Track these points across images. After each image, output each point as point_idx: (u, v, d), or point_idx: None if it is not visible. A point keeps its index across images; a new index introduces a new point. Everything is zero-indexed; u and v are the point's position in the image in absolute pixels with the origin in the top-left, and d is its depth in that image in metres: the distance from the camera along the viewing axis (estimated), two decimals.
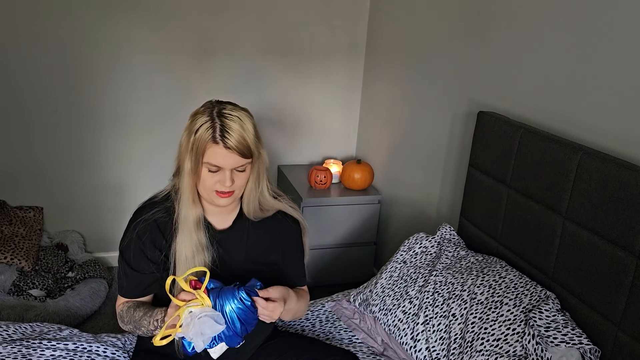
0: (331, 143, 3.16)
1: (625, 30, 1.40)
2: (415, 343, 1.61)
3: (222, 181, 1.25)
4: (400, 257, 1.86)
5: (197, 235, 1.32)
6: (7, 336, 1.52)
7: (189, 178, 1.28)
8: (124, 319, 1.36)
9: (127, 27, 2.61)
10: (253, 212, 1.39)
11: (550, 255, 1.55)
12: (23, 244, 2.51)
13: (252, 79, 2.88)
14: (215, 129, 1.22)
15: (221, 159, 1.24)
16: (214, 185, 1.27)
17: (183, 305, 1.16)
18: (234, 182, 1.27)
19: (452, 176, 2.22)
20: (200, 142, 1.23)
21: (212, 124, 1.23)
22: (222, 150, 1.23)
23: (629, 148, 1.40)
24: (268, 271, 1.43)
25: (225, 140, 1.22)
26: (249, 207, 1.38)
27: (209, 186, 1.27)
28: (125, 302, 1.39)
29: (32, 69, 2.55)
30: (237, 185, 1.29)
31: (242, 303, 1.18)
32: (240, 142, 1.23)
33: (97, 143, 2.75)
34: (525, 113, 1.79)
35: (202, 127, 1.23)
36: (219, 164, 1.24)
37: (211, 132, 1.22)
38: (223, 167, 1.25)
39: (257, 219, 1.40)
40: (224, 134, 1.22)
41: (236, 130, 1.23)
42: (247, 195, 1.36)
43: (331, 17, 2.90)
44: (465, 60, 2.10)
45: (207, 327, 1.13)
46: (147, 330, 1.30)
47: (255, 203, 1.38)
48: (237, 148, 1.23)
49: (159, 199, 1.38)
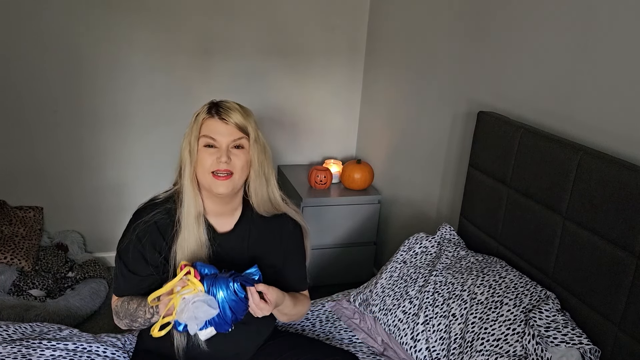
0: (331, 143, 3.16)
1: (625, 31, 1.40)
2: (415, 343, 1.61)
3: (219, 157, 1.27)
4: (400, 257, 1.86)
5: (198, 231, 1.31)
6: (7, 336, 1.52)
7: (189, 168, 1.29)
8: (119, 314, 1.36)
9: (127, 27, 2.61)
10: (263, 205, 1.39)
11: (550, 255, 1.55)
12: (23, 244, 2.51)
13: (252, 79, 2.88)
14: (212, 106, 1.32)
15: (217, 130, 1.28)
16: (211, 165, 1.28)
17: (176, 294, 1.16)
18: (230, 160, 1.28)
19: (452, 176, 2.22)
20: (198, 120, 1.31)
21: (210, 104, 1.33)
22: (218, 122, 1.29)
23: (629, 148, 1.40)
24: (269, 274, 1.43)
25: (220, 112, 1.30)
26: (257, 198, 1.38)
27: (207, 166, 1.28)
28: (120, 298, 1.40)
29: (33, 68, 2.55)
30: (235, 166, 1.29)
31: (235, 295, 1.18)
32: (235, 116, 1.29)
33: (97, 143, 2.75)
34: (525, 113, 1.79)
35: (201, 110, 1.33)
36: (214, 136, 1.28)
37: (207, 108, 1.32)
38: (219, 140, 1.28)
39: (267, 213, 1.40)
40: (220, 108, 1.31)
41: (232, 106, 1.32)
42: (253, 185, 1.36)
43: (331, 17, 2.90)
44: (465, 60, 2.10)
45: (201, 311, 1.14)
46: (143, 320, 1.30)
47: (264, 194, 1.38)
48: (232, 120, 1.29)
49: (159, 201, 1.37)
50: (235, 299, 1.18)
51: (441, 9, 2.26)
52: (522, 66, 1.79)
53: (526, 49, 1.77)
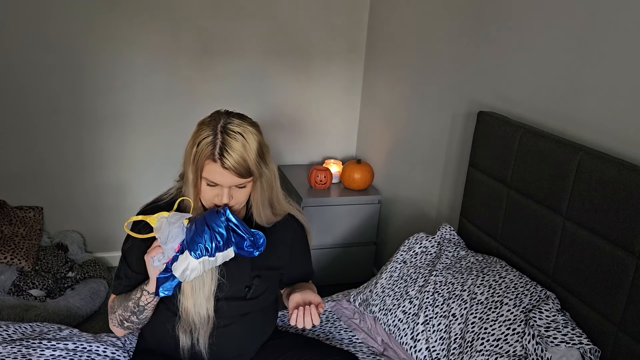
0: (331, 143, 3.16)
1: (625, 31, 1.40)
2: (415, 343, 1.61)
3: (220, 196, 1.25)
4: (400, 257, 1.86)
5: None
6: (7, 336, 1.52)
7: (192, 188, 1.27)
8: (114, 307, 1.37)
9: (127, 27, 2.61)
10: (266, 219, 1.38)
11: (550, 255, 1.55)
12: (23, 244, 2.51)
13: (253, 79, 2.88)
14: (216, 146, 1.20)
15: (219, 177, 1.22)
16: (212, 199, 1.27)
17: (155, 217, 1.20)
18: (232, 198, 1.26)
19: (452, 176, 2.22)
20: (200, 157, 1.22)
21: (214, 140, 1.21)
22: (220, 169, 1.21)
23: (629, 148, 1.40)
24: (274, 275, 1.44)
25: (223, 159, 1.20)
26: (260, 218, 1.37)
27: (208, 199, 1.27)
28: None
29: (33, 68, 2.55)
30: (237, 201, 1.28)
31: (227, 221, 1.19)
32: (238, 163, 1.20)
33: (97, 143, 2.75)
34: (525, 113, 1.79)
35: (204, 142, 1.22)
36: (216, 181, 1.23)
37: (211, 148, 1.20)
38: (221, 183, 1.24)
39: (269, 224, 1.40)
40: (223, 153, 1.20)
41: (237, 149, 1.20)
42: (256, 207, 1.35)
43: (331, 17, 2.90)
44: (465, 60, 2.10)
45: (175, 225, 1.17)
46: (134, 304, 1.30)
47: (267, 212, 1.37)
48: (235, 168, 1.20)
49: (164, 203, 1.37)
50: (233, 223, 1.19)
51: (441, 9, 2.26)
52: (522, 66, 1.79)
53: (526, 49, 1.77)
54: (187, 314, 1.31)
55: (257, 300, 1.40)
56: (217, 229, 1.18)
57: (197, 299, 1.30)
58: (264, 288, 1.40)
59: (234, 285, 1.35)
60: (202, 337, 1.32)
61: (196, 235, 1.18)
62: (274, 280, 1.45)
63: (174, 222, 1.19)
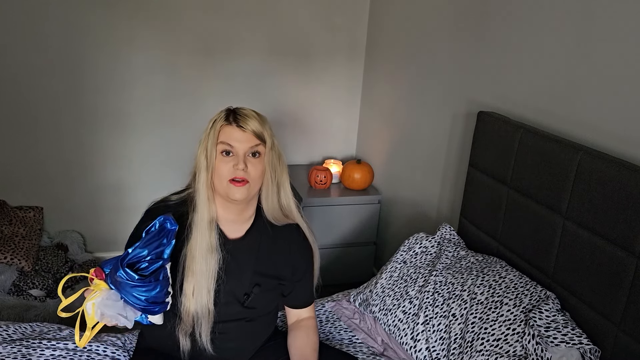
0: (331, 143, 3.16)
1: (625, 30, 1.40)
2: (415, 343, 1.61)
3: (236, 164, 1.27)
4: (400, 257, 1.86)
5: (210, 237, 1.31)
6: (7, 336, 1.52)
7: (205, 174, 1.29)
8: None
9: (127, 27, 2.61)
10: (273, 212, 1.39)
11: (550, 255, 1.55)
12: (23, 244, 2.51)
13: (253, 79, 2.88)
14: (230, 114, 1.33)
15: (234, 137, 1.28)
16: (228, 173, 1.28)
17: (85, 302, 1.19)
18: (247, 168, 1.28)
19: (452, 176, 2.22)
20: (215, 127, 1.30)
21: (227, 112, 1.34)
22: (235, 129, 1.29)
23: (629, 148, 1.40)
24: (275, 284, 1.44)
25: (237, 119, 1.30)
26: (267, 204, 1.38)
27: (224, 174, 1.28)
28: None
29: (33, 68, 2.55)
30: (251, 174, 1.29)
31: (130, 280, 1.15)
32: (252, 124, 1.30)
33: (97, 143, 2.75)
34: (525, 113, 1.79)
35: (218, 117, 1.33)
36: (231, 142, 1.28)
37: (225, 115, 1.32)
38: (236, 147, 1.28)
39: (277, 221, 1.40)
40: (237, 115, 1.31)
41: (250, 113, 1.32)
42: (265, 191, 1.36)
43: (331, 17, 2.90)
44: (465, 60, 2.10)
45: (111, 308, 1.16)
46: None
47: (274, 201, 1.38)
48: (250, 127, 1.29)
49: (173, 203, 1.37)
50: (133, 283, 1.15)
51: (441, 9, 2.26)
52: (522, 66, 1.79)
53: (526, 49, 1.77)
54: (188, 315, 1.31)
55: (255, 310, 1.40)
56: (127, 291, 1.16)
57: (198, 297, 1.30)
58: (263, 300, 1.41)
59: (233, 291, 1.36)
60: (204, 331, 1.32)
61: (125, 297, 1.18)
62: (274, 292, 1.45)
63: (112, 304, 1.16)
